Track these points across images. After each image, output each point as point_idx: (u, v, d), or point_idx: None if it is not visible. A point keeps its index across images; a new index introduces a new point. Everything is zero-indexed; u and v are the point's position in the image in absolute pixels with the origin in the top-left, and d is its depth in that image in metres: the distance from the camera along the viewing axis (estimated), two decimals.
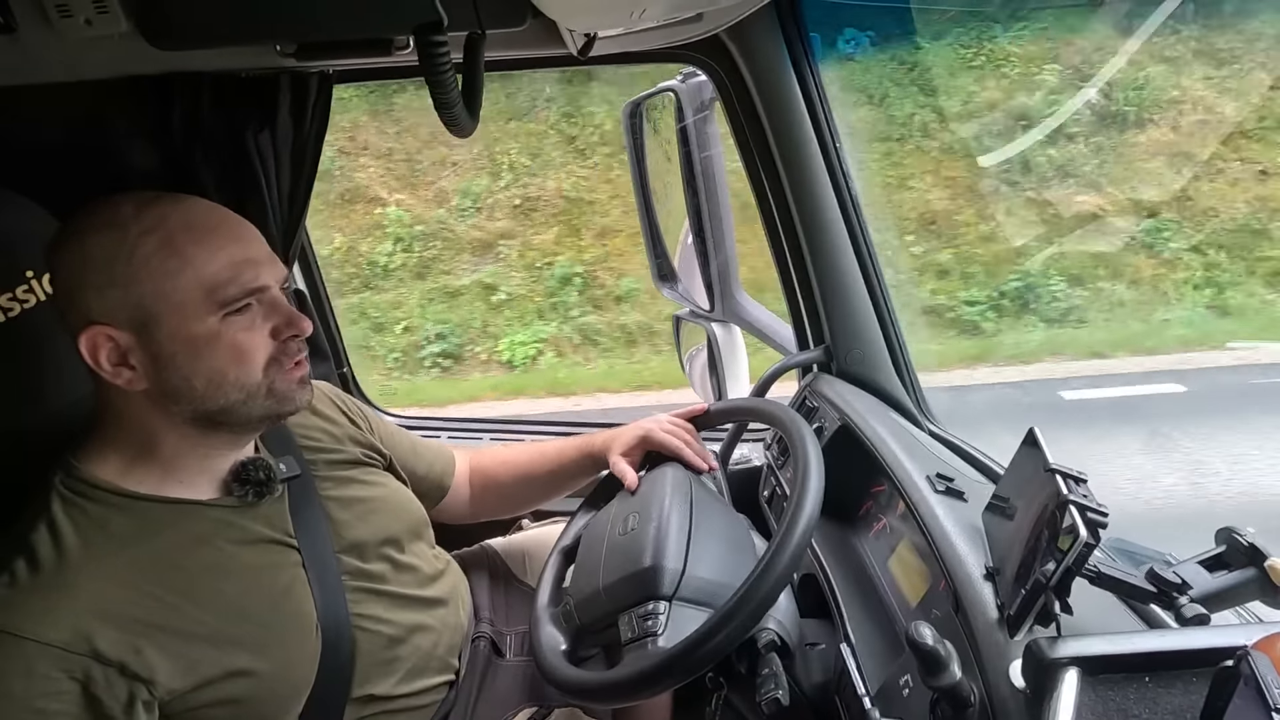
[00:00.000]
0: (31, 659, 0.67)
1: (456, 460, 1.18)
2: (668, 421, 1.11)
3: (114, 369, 0.74)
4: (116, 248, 0.73)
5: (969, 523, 0.86)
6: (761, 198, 1.24)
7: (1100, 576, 0.67)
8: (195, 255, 0.74)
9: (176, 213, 0.76)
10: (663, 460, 1.07)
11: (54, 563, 0.71)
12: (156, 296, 0.73)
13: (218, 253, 0.75)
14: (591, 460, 1.13)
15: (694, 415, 1.13)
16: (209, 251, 0.75)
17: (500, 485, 1.19)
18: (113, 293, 0.73)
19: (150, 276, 0.73)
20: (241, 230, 0.80)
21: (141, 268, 0.73)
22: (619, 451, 1.08)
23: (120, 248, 0.73)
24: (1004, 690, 0.65)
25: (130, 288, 0.73)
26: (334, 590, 0.86)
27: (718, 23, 1.03)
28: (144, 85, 1.09)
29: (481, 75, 0.72)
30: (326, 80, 1.18)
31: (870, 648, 0.89)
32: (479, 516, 1.21)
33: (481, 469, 1.20)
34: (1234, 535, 0.70)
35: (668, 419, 1.12)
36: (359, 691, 0.86)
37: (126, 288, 0.73)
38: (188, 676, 0.73)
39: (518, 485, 1.18)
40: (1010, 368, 4.74)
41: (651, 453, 1.09)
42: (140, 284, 0.73)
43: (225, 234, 0.77)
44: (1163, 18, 5.27)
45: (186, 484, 0.80)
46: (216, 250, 0.75)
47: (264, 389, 0.79)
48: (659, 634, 0.80)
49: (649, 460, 1.09)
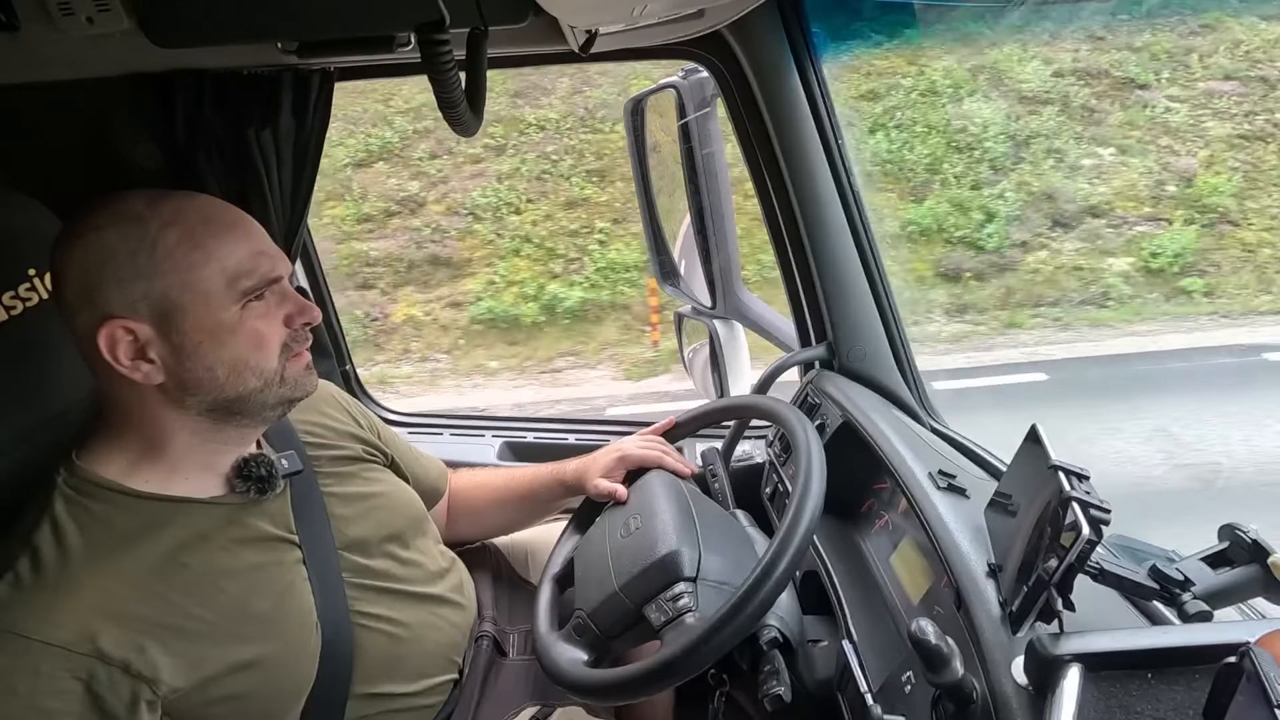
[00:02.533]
0: (35, 659, 0.67)
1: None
2: (640, 439, 1.13)
3: (132, 363, 0.75)
4: (139, 241, 0.74)
5: (971, 520, 0.86)
6: (763, 194, 1.24)
7: (1103, 573, 0.67)
8: (216, 248, 0.76)
9: (191, 207, 0.78)
10: (646, 472, 1.07)
11: (57, 562, 0.72)
12: (182, 287, 0.74)
13: (237, 245, 0.78)
14: (564, 488, 1.13)
15: (664, 430, 1.16)
16: (229, 244, 0.77)
17: (473, 507, 1.20)
18: (136, 285, 0.74)
19: (175, 268, 0.74)
20: (250, 225, 0.82)
21: (165, 259, 0.74)
22: (598, 475, 1.08)
23: (142, 240, 0.74)
24: (1006, 687, 0.65)
25: (155, 279, 0.74)
26: (334, 587, 0.86)
27: (719, 18, 1.03)
28: (146, 83, 1.09)
29: (484, 73, 0.71)
30: (328, 78, 1.18)
31: (872, 644, 0.89)
32: (452, 538, 1.19)
33: (457, 490, 1.20)
34: (1237, 532, 0.70)
35: (639, 437, 1.14)
36: (362, 689, 0.86)
37: (151, 279, 0.74)
38: (191, 675, 0.73)
39: (489, 508, 1.19)
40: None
41: (631, 471, 1.09)
42: (165, 275, 0.74)
43: (239, 228, 0.80)
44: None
45: (192, 481, 0.81)
46: (235, 243, 0.78)
47: (279, 376, 0.81)
48: (694, 609, 0.81)
49: (630, 478, 1.09)
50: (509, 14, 0.73)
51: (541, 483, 1.15)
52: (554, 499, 1.16)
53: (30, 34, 0.73)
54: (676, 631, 0.80)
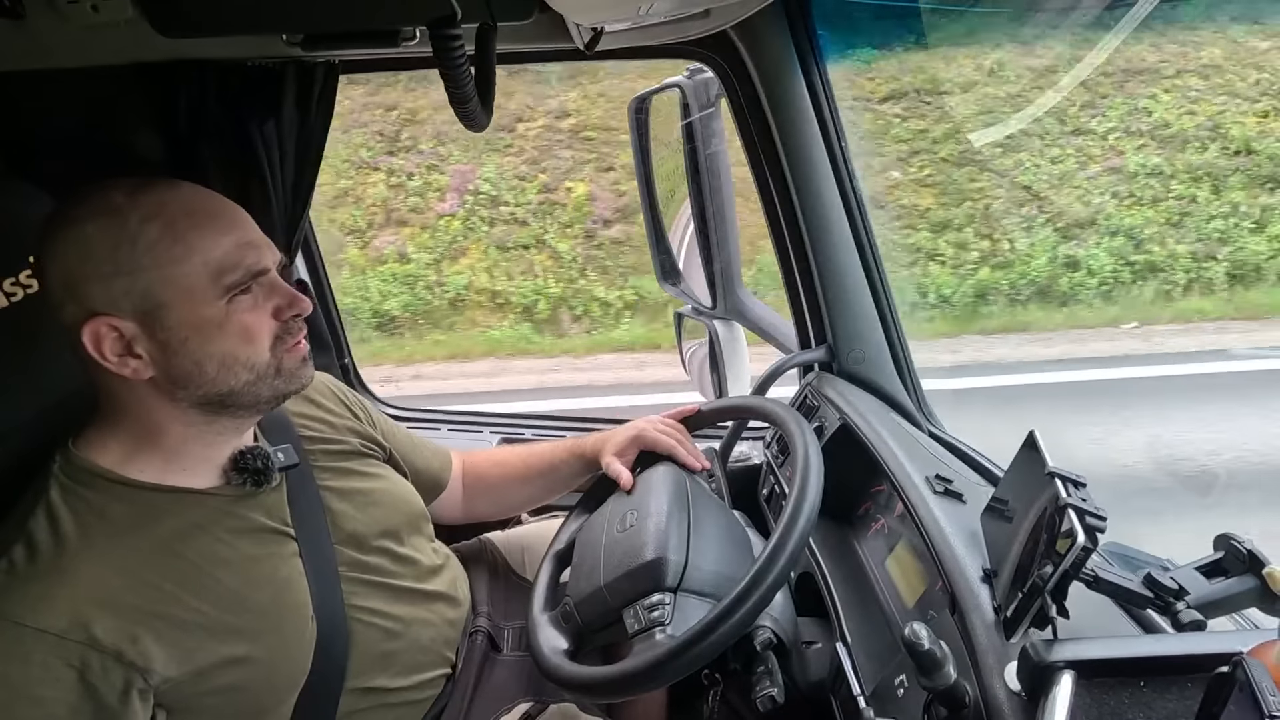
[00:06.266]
0: (29, 646, 0.67)
1: (452, 460, 1.19)
2: (660, 421, 1.12)
3: (119, 359, 0.74)
4: (119, 235, 0.72)
5: (967, 524, 0.86)
6: (766, 195, 1.24)
7: (1097, 580, 0.67)
8: (199, 241, 0.74)
9: (174, 198, 0.75)
10: (657, 460, 1.07)
11: (52, 550, 0.71)
12: (164, 283, 0.73)
13: (220, 237, 0.75)
14: (583, 462, 1.13)
15: (686, 415, 1.15)
16: (212, 236, 0.75)
17: (492, 486, 1.20)
18: (118, 281, 0.72)
19: (156, 263, 0.72)
20: (236, 214, 0.79)
21: (145, 254, 0.72)
22: (612, 452, 1.08)
23: (122, 235, 0.72)
24: (999, 692, 0.65)
25: (136, 275, 0.72)
26: (330, 581, 0.86)
27: (725, 19, 1.03)
28: (150, 73, 1.09)
29: (494, 68, 0.71)
30: (333, 70, 1.18)
31: (866, 647, 0.89)
32: (471, 517, 1.21)
33: (474, 469, 1.20)
34: (1233, 542, 0.70)
35: (660, 419, 1.13)
36: (355, 683, 0.86)
37: (132, 275, 0.72)
38: (184, 665, 0.73)
39: (509, 486, 1.19)
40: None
41: (645, 453, 1.09)
42: (146, 271, 0.72)
43: (223, 218, 0.77)
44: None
45: (189, 472, 0.80)
46: (219, 235, 0.75)
47: (273, 368, 0.79)
48: (666, 624, 0.81)
49: (642, 460, 1.09)
50: (515, 10, 0.73)
51: (561, 458, 1.15)
52: (574, 474, 1.16)
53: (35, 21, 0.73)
54: (645, 645, 0.80)
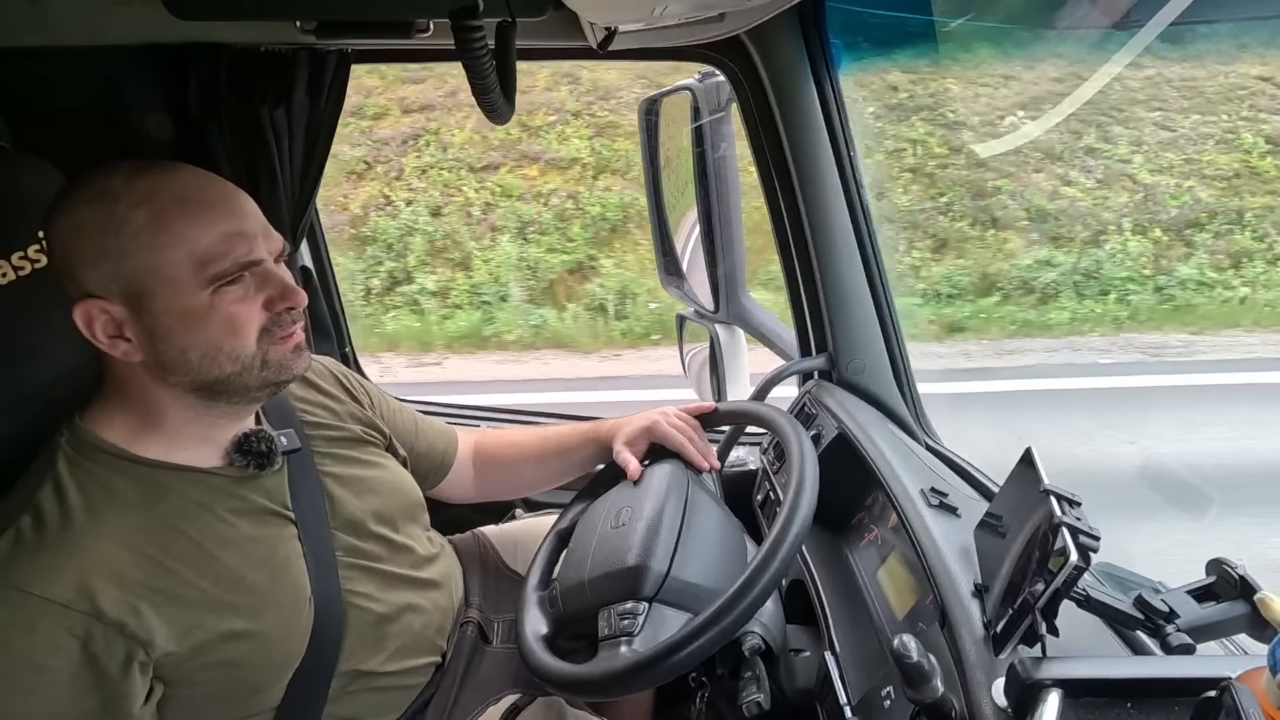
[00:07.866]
0: (34, 614, 0.68)
1: (460, 440, 1.19)
2: (675, 416, 1.10)
3: (110, 341, 0.74)
4: (108, 220, 0.72)
5: (960, 539, 0.86)
6: (773, 202, 1.24)
7: (1089, 600, 0.67)
8: (186, 230, 0.73)
9: (167, 184, 0.74)
10: (666, 454, 1.07)
11: (59, 521, 0.72)
12: (148, 271, 0.72)
13: (210, 227, 0.74)
14: (597, 446, 1.13)
15: (702, 412, 1.13)
16: (200, 225, 0.73)
17: (504, 466, 1.20)
18: (105, 266, 0.72)
19: (140, 251, 0.72)
20: (234, 202, 0.77)
21: (130, 242, 0.72)
22: (624, 440, 1.08)
23: (110, 221, 0.71)
24: (985, 708, 0.65)
25: (122, 262, 0.72)
26: (327, 565, 0.86)
27: (739, 24, 1.03)
28: (163, 54, 1.09)
29: (514, 62, 0.71)
30: (345, 59, 1.18)
31: (854, 657, 0.89)
32: (483, 496, 1.22)
33: (486, 449, 1.21)
34: (1225, 567, 0.70)
35: (675, 412, 1.11)
36: (346, 666, 0.87)
37: (118, 261, 0.72)
38: (183, 641, 0.74)
39: (522, 466, 1.19)
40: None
41: (655, 445, 1.09)
42: (131, 258, 0.72)
43: (217, 206, 0.76)
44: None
45: (191, 451, 0.81)
46: (209, 224, 0.74)
47: (259, 360, 0.78)
48: (634, 634, 0.80)
49: (653, 452, 1.09)
50: (532, 6, 0.73)
51: (576, 441, 1.15)
52: (589, 458, 1.16)
53: None
54: (608, 653, 0.80)
